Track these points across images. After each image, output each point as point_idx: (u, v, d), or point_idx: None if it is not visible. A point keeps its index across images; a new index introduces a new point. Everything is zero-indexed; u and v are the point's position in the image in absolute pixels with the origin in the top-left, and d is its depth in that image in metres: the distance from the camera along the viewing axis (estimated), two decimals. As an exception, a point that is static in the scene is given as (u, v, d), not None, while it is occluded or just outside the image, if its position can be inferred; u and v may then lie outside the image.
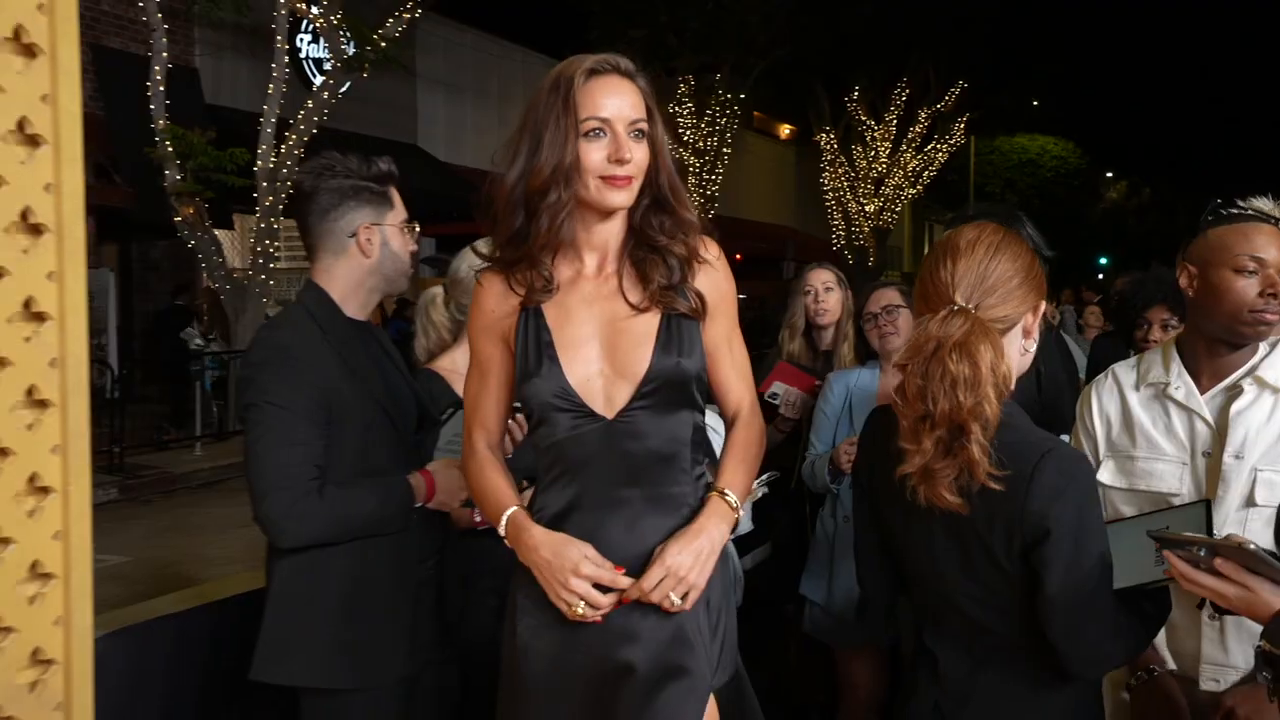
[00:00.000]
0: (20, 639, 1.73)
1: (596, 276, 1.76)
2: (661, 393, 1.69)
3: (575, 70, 1.67)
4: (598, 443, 1.70)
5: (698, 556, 1.65)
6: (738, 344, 1.84)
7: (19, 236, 1.68)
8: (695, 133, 20.02)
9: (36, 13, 1.65)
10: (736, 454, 1.79)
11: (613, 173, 1.65)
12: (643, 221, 1.73)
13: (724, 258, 1.80)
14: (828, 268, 3.66)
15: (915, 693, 1.71)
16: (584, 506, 1.70)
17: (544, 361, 1.70)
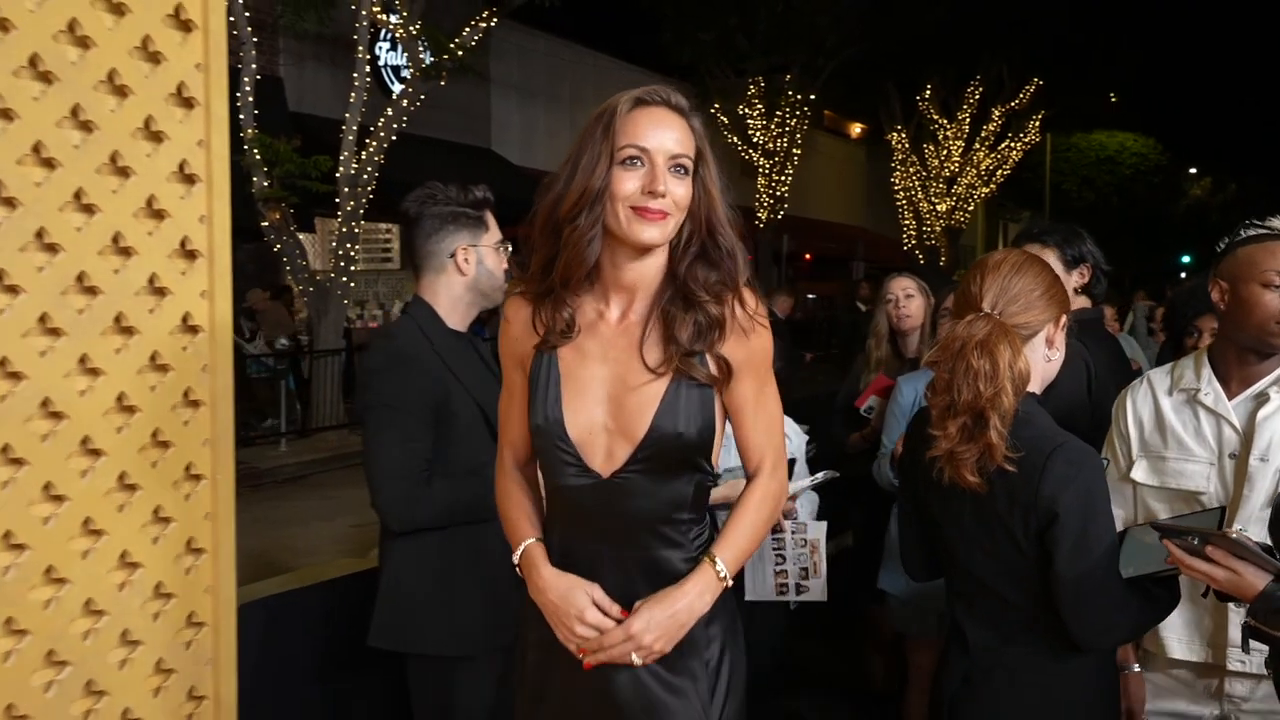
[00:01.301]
0: (179, 604, 2.03)
1: (619, 324, 1.68)
2: (659, 459, 1.63)
3: (622, 99, 1.63)
4: (591, 499, 1.65)
5: (666, 627, 1.60)
6: (769, 400, 1.75)
7: (178, 261, 1.98)
8: (765, 134, 20.08)
9: (195, 71, 1.94)
10: (742, 517, 1.71)
11: (645, 204, 1.57)
12: (688, 273, 1.64)
13: (764, 311, 1.69)
14: (908, 275, 3.78)
15: (946, 665, 1.90)
16: (574, 558, 1.68)
17: (549, 406, 1.66)
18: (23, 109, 1.72)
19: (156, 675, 1.97)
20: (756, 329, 1.67)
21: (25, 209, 1.73)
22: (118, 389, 1.88)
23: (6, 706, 1.74)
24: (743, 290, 1.66)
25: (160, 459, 1.97)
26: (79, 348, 1.82)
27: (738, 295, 1.65)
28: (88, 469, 1.85)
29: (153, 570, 1.95)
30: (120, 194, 1.87)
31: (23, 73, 1.72)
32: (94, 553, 1.86)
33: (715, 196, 1.65)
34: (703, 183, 1.64)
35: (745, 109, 19.80)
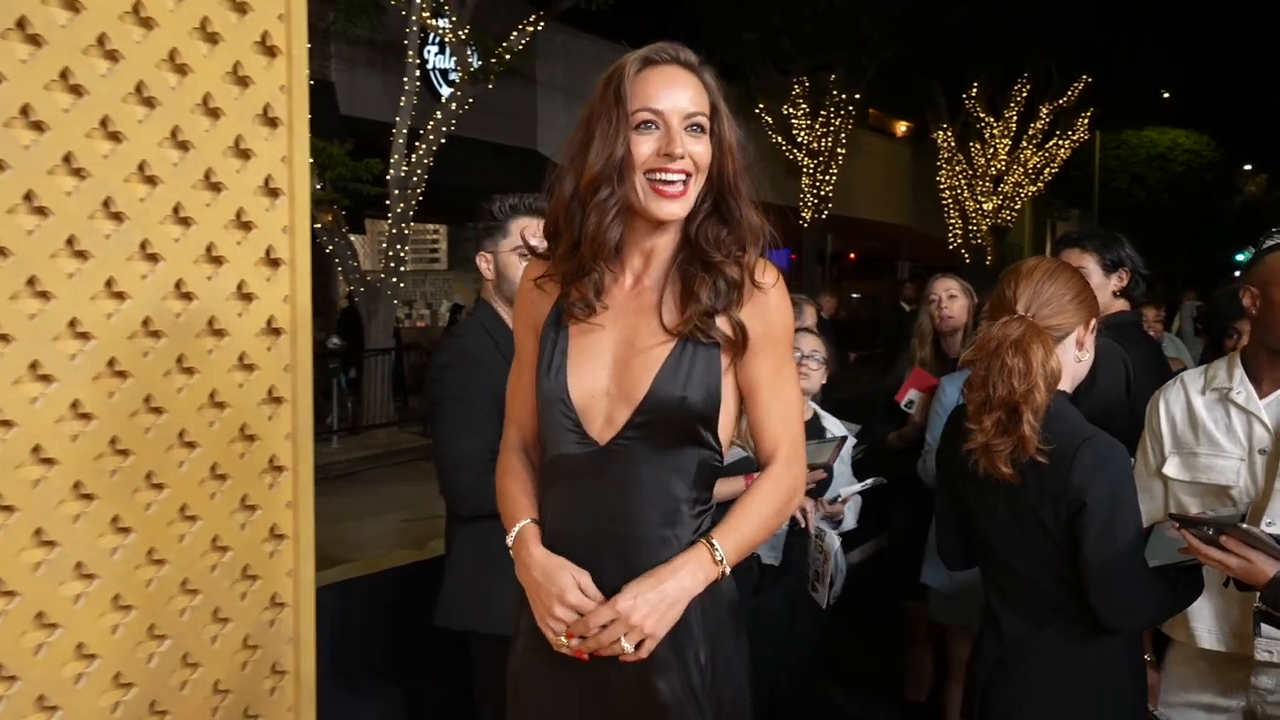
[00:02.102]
0: (263, 585, 2.19)
1: (633, 287, 1.62)
2: (657, 425, 1.55)
3: (629, 60, 1.56)
4: (588, 468, 1.58)
5: (656, 605, 1.50)
6: (787, 383, 1.65)
7: (264, 268, 2.14)
8: (809, 133, 20.11)
9: (279, 92, 2.10)
10: (748, 505, 1.61)
11: (662, 165, 1.52)
12: (699, 232, 1.59)
13: (783, 286, 1.63)
14: (952, 276, 3.87)
15: (981, 650, 2.01)
16: (568, 536, 1.60)
17: (553, 369, 1.60)
18: (130, 131, 1.88)
19: (244, 650, 2.14)
20: (776, 299, 1.60)
21: (131, 222, 1.90)
22: (210, 387, 2.05)
23: (115, 675, 1.91)
24: (763, 262, 1.59)
25: (247, 451, 2.13)
26: (177, 348, 1.99)
27: (753, 258, 1.58)
28: (184, 460, 2.01)
29: (240, 554, 2.12)
30: (213, 207, 2.03)
31: (129, 99, 1.89)
32: (189, 537, 2.03)
33: (732, 152, 1.58)
34: (719, 139, 1.57)
35: (789, 109, 19.83)
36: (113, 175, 1.87)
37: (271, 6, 2.10)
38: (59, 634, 1.83)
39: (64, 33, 1.78)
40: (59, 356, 1.81)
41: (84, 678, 1.87)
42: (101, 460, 1.88)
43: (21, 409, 1.77)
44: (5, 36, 1.71)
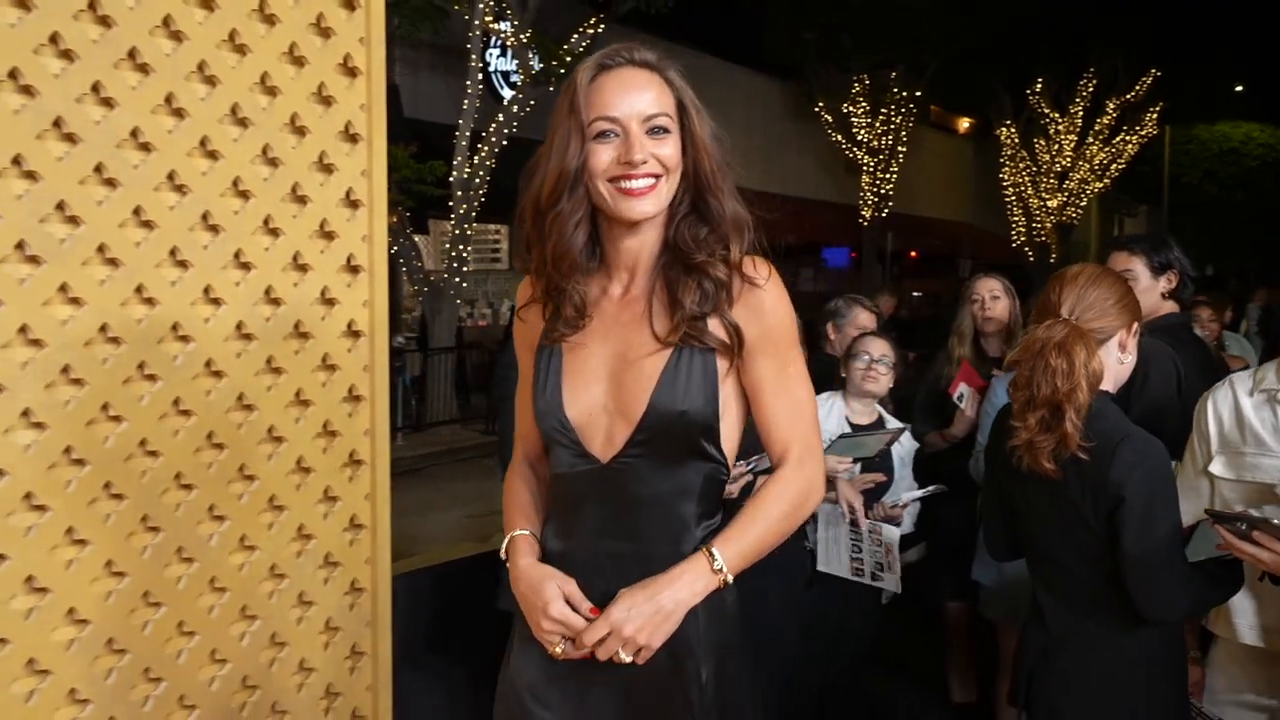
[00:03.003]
0: (344, 572, 2.34)
1: (622, 298, 1.58)
2: (660, 441, 1.50)
3: (582, 68, 1.51)
4: (590, 487, 1.55)
5: (650, 616, 1.45)
6: (795, 382, 1.58)
7: (345, 275, 2.29)
8: (869, 131, 20.02)
9: (360, 111, 2.25)
10: (753, 510, 1.54)
11: (624, 173, 1.47)
12: (677, 233, 1.53)
13: (778, 280, 1.56)
14: (995, 276, 3.91)
15: (1026, 641, 2.10)
16: (572, 555, 1.57)
17: (549, 389, 1.57)
18: (225, 150, 2.04)
19: (326, 632, 2.29)
20: (771, 295, 1.53)
21: (226, 234, 2.06)
22: (296, 385, 2.20)
23: (210, 651, 2.07)
24: (753, 258, 1.53)
25: (329, 446, 2.28)
26: (267, 350, 2.14)
27: (739, 253, 1.52)
28: (272, 454, 2.17)
29: (323, 542, 2.27)
30: (299, 219, 2.18)
31: (225, 120, 2.04)
32: (277, 525, 2.18)
33: (705, 149, 1.52)
34: (691, 136, 1.51)
35: (849, 107, 19.76)
36: (210, 190, 2.03)
37: (353, 30, 2.25)
38: (161, 612, 2.00)
39: (169, 61, 1.94)
40: (164, 358, 1.97)
41: (183, 653, 2.04)
42: (200, 454, 2.05)
43: (130, 406, 1.93)
44: (117, 67, 1.88)
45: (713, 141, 1.54)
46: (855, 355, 3.54)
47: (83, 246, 1.86)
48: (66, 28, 1.82)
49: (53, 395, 1.83)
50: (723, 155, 1.55)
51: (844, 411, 3.56)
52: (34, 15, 1.78)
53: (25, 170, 1.79)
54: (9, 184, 1.77)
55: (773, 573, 3.20)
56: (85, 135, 1.85)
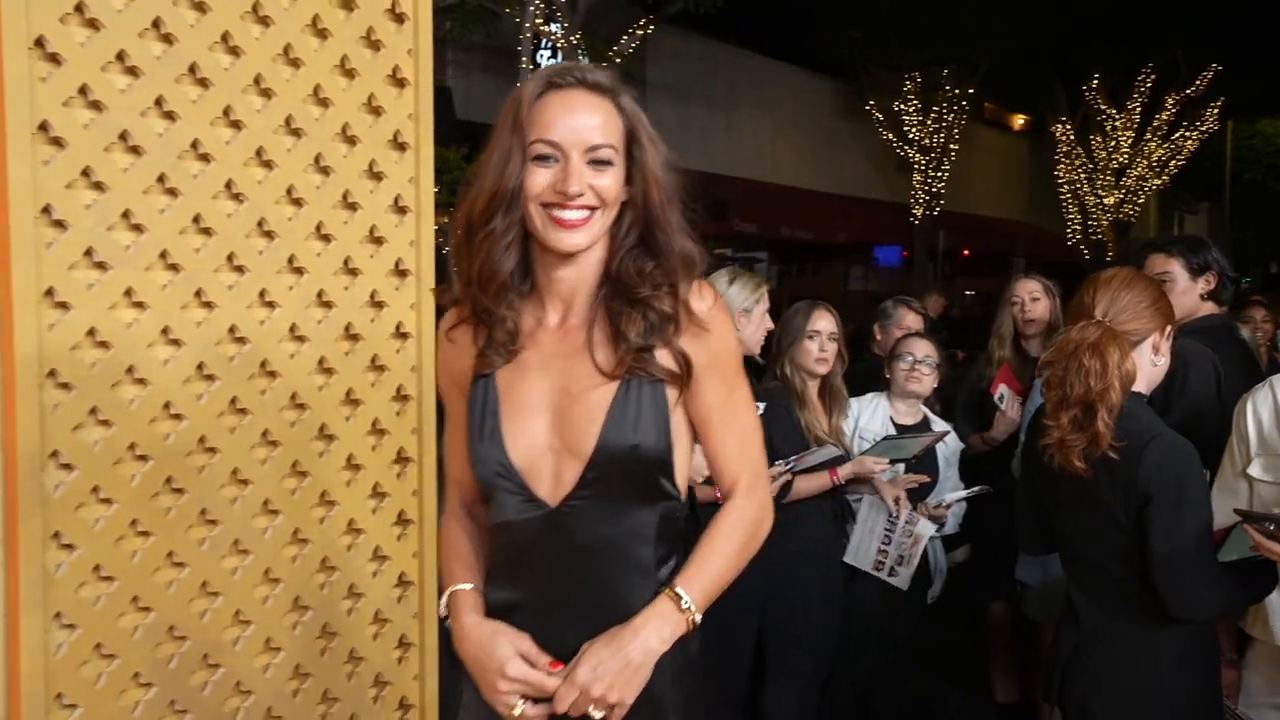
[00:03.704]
0: (392, 565, 2.41)
1: (559, 328, 1.49)
2: (613, 479, 1.43)
3: (529, 82, 1.43)
4: (540, 534, 1.45)
5: (619, 672, 1.37)
6: (741, 408, 1.53)
7: (393, 279, 2.37)
8: (921, 129, 19.86)
9: (408, 120, 2.33)
10: (712, 544, 1.48)
11: (558, 201, 1.39)
12: (621, 266, 1.46)
13: (722, 305, 1.50)
14: (1034, 277, 3.91)
15: (1059, 639, 2.13)
16: (523, 607, 1.47)
17: (486, 431, 1.46)
18: (280, 159, 2.13)
19: (375, 623, 2.37)
20: (716, 326, 1.47)
21: (280, 240, 2.15)
22: (347, 385, 2.28)
23: (265, 640, 2.17)
24: (699, 284, 1.47)
25: (378, 444, 2.36)
26: (319, 351, 2.23)
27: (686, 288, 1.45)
28: (324, 451, 2.26)
29: (373, 536, 2.35)
30: (350, 225, 2.27)
31: (280, 130, 2.13)
32: (329, 520, 2.27)
33: (655, 181, 1.44)
34: (640, 167, 1.44)
35: (900, 105, 19.62)
36: (265, 198, 2.12)
37: (401, 43, 2.33)
38: (219, 601, 2.09)
39: (227, 75, 2.04)
40: (220, 359, 2.07)
41: (240, 641, 2.13)
42: (255, 451, 2.14)
43: (189, 405, 2.03)
44: (179, 81, 1.97)
45: (664, 173, 1.46)
46: (899, 356, 3.56)
47: (146, 253, 1.96)
48: (132, 45, 1.92)
49: (118, 394, 1.93)
50: (674, 187, 1.47)
51: (888, 412, 3.59)
52: (102, 34, 1.88)
53: (93, 181, 1.89)
54: (78, 194, 1.87)
55: (807, 565, 3.25)
56: (149, 147, 1.95)
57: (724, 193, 16.86)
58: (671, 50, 17.16)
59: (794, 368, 3.32)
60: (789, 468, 3.06)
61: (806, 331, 3.31)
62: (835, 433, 3.36)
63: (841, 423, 3.43)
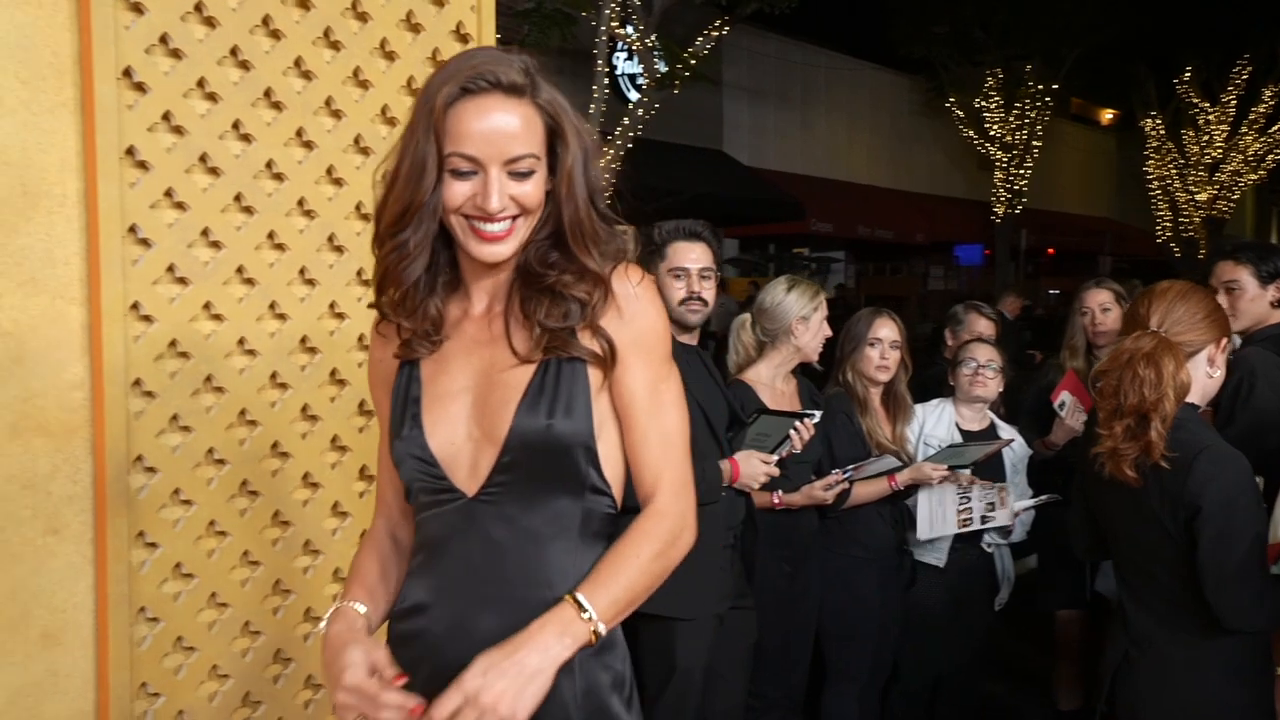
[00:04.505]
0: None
1: (484, 316, 1.43)
2: (528, 465, 1.35)
3: (444, 86, 1.31)
4: (457, 525, 1.38)
5: (513, 680, 1.23)
6: (668, 401, 1.43)
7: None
8: (1003, 126, 19.50)
9: None
10: (622, 550, 1.36)
11: (479, 215, 1.32)
12: (527, 257, 1.39)
13: (650, 286, 1.42)
14: (1106, 286, 3.82)
15: (1110, 644, 2.14)
16: (437, 604, 1.39)
17: (407, 421, 1.41)
18: (349, 176, 2.23)
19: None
20: (641, 306, 1.40)
21: (350, 254, 2.25)
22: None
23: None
24: (625, 265, 1.40)
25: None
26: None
27: (608, 270, 1.38)
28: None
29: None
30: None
31: (349, 150, 2.23)
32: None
33: (577, 181, 1.36)
34: (563, 166, 1.36)
35: (981, 101, 19.29)
36: (335, 215, 2.22)
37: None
38: (291, 599, 2.20)
39: (300, 98, 2.15)
40: (293, 368, 2.18)
41: (310, 637, 2.24)
42: (325, 455, 2.24)
43: (264, 412, 2.14)
44: (255, 105, 2.08)
45: (585, 164, 1.38)
46: (962, 361, 3.55)
47: (224, 268, 2.07)
48: (211, 72, 2.03)
49: (197, 402, 2.05)
50: (598, 173, 1.39)
51: (954, 418, 3.57)
52: (184, 63, 1.99)
53: (175, 201, 2.00)
54: (161, 214, 1.99)
55: (867, 570, 3.27)
56: (226, 168, 2.06)
57: (800, 192, 16.79)
58: (747, 50, 17.14)
59: (855, 374, 3.34)
60: (847, 475, 3.08)
61: (868, 339, 3.32)
62: (899, 440, 3.36)
63: (905, 430, 3.43)
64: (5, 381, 1.84)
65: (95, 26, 1.87)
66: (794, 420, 2.81)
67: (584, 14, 12.43)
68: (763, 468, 2.78)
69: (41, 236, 1.87)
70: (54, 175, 1.88)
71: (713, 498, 2.72)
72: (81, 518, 1.92)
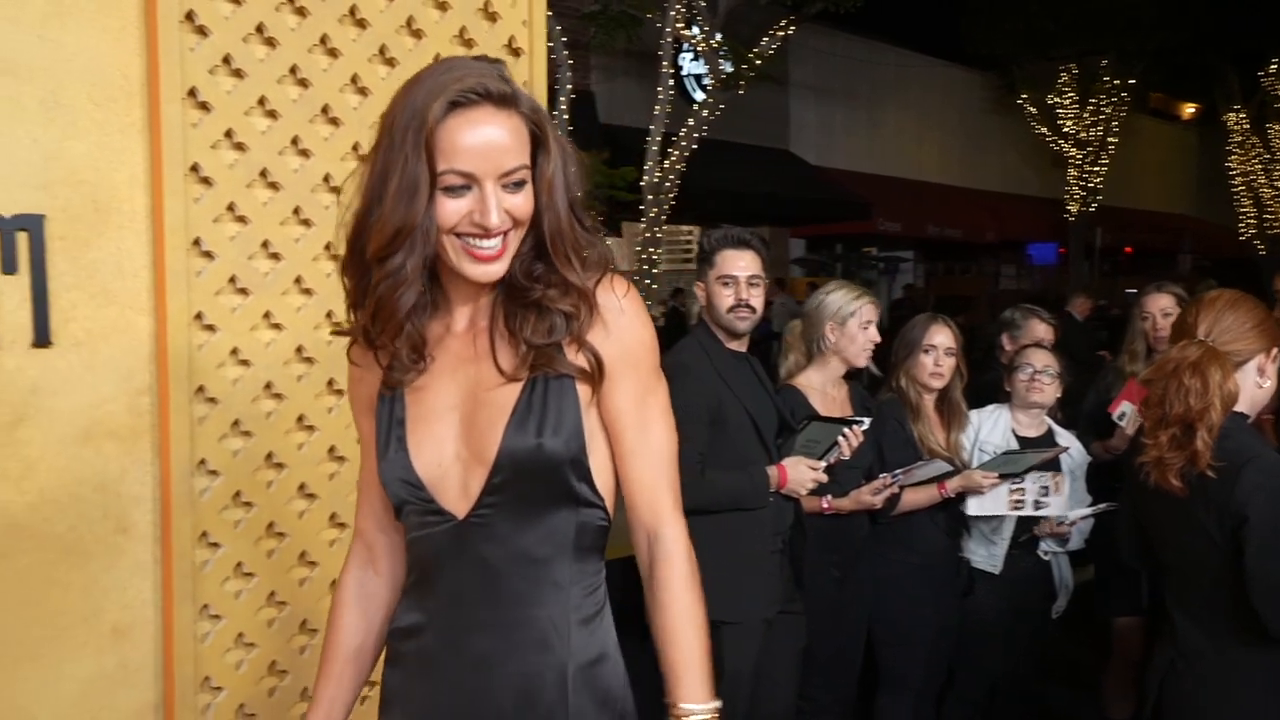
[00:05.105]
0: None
1: (467, 333, 1.39)
2: (518, 484, 1.32)
3: (433, 99, 1.25)
4: (448, 548, 1.35)
5: None
6: (657, 415, 1.42)
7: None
8: (1077, 123, 19.09)
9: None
10: (679, 626, 1.37)
11: (474, 232, 1.28)
12: (517, 270, 1.34)
13: (636, 297, 1.39)
14: (1168, 291, 3.73)
15: (1156, 656, 2.13)
16: (430, 629, 1.38)
17: (392, 442, 1.37)
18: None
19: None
20: (627, 319, 1.37)
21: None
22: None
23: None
24: (610, 277, 1.37)
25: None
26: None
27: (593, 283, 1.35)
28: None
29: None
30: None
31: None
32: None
33: (558, 189, 1.32)
34: (543, 175, 1.31)
35: (1055, 98, 18.91)
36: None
37: (517, 75, 2.46)
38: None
39: (355, 113, 2.22)
40: (349, 375, 2.25)
41: (366, 635, 2.31)
42: (380, 459, 2.32)
43: (321, 417, 2.22)
44: (313, 121, 2.16)
45: (565, 172, 1.34)
46: (1019, 367, 3.51)
47: (283, 279, 2.15)
48: (271, 91, 2.11)
49: (257, 408, 2.13)
50: (577, 182, 1.36)
51: (1010, 424, 3.54)
52: (245, 82, 2.08)
53: (237, 215, 2.09)
54: (224, 227, 2.08)
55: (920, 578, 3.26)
56: (285, 183, 2.14)
57: (867, 192, 16.64)
58: (814, 49, 17.04)
59: (909, 380, 3.33)
60: (895, 480, 3.07)
61: (923, 345, 3.31)
62: (953, 447, 3.35)
63: (961, 437, 3.41)
64: (78, 388, 1.94)
65: (162, 50, 1.96)
66: (843, 427, 2.82)
67: (649, 15, 12.48)
68: (810, 474, 2.80)
69: (112, 250, 1.97)
70: (124, 192, 1.98)
71: (759, 503, 2.75)
72: (148, 518, 2.02)
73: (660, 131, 12.16)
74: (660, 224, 12.41)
